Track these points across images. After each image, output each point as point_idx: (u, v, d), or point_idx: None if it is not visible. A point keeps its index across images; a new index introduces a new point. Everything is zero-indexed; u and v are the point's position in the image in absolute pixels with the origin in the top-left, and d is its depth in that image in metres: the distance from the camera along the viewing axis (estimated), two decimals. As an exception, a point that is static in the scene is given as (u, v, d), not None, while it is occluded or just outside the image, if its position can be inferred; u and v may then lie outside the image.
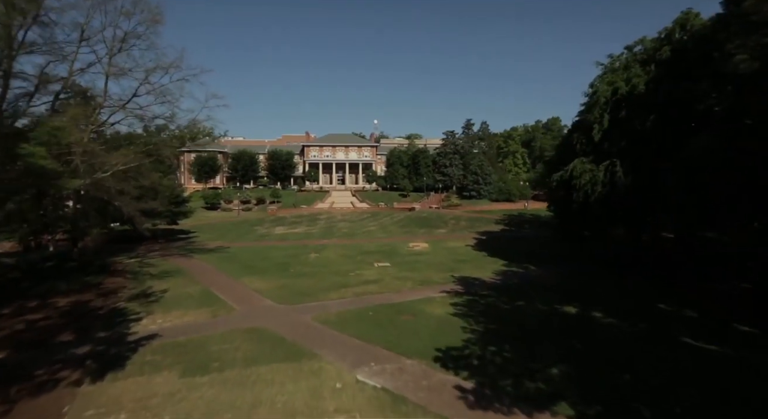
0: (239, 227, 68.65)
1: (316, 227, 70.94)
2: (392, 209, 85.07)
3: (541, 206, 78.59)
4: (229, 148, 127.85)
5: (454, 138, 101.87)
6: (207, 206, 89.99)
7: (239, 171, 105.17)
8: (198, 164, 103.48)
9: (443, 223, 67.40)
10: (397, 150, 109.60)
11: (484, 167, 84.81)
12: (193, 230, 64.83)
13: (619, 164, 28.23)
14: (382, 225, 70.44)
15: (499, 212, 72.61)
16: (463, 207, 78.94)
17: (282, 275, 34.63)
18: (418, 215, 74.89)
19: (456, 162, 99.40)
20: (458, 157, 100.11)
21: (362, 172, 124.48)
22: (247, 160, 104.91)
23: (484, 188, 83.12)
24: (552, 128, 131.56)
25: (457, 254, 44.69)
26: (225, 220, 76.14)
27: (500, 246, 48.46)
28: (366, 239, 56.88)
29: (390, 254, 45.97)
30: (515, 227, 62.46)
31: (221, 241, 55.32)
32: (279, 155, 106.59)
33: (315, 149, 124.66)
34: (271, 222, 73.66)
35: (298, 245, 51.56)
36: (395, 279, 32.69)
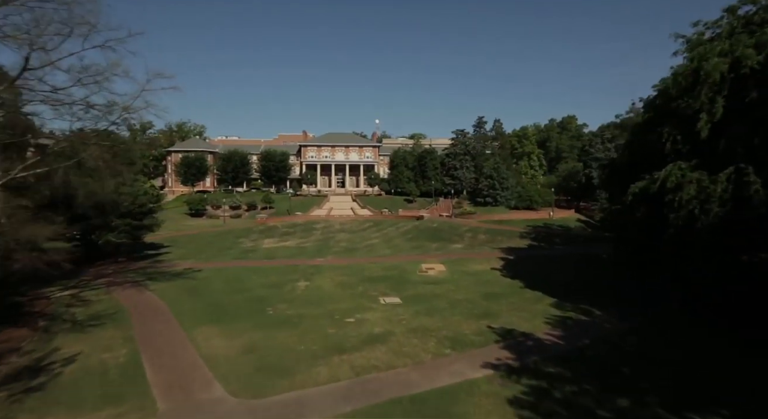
0: (222, 240, 58.88)
1: (310, 239, 61.19)
2: (397, 217, 75.34)
3: (566, 214, 68.80)
4: (221, 148, 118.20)
5: (464, 138, 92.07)
6: (191, 212, 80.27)
7: (229, 173, 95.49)
8: (184, 165, 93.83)
9: (458, 236, 57.59)
10: (402, 151, 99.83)
11: (501, 170, 75.20)
12: (167, 243, 55.08)
13: (753, 172, 18.51)
14: (387, 237, 60.65)
15: (520, 223, 62.89)
16: (478, 216, 69.24)
17: (255, 323, 24.90)
18: (428, 225, 65.15)
19: (467, 164, 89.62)
20: (469, 158, 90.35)
21: (363, 174, 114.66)
22: (237, 161, 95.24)
23: (501, 194, 73.48)
24: (568, 127, 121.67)
25: (486, 284, 34.89)
26: (208, 229, 66.41)
27: (537, 272, 38.64)
28: (368, 258, 47.13)
29: (399, 281, 36.24)
30: (544, 242, 52.66)
31: (194, 260, 45.58)
32: (273, 155, 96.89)
33: (313, 150, 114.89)
34: (259, 233, 63.89)
35: (286, 267, 41.80)
36: (411, 334, 22.95)
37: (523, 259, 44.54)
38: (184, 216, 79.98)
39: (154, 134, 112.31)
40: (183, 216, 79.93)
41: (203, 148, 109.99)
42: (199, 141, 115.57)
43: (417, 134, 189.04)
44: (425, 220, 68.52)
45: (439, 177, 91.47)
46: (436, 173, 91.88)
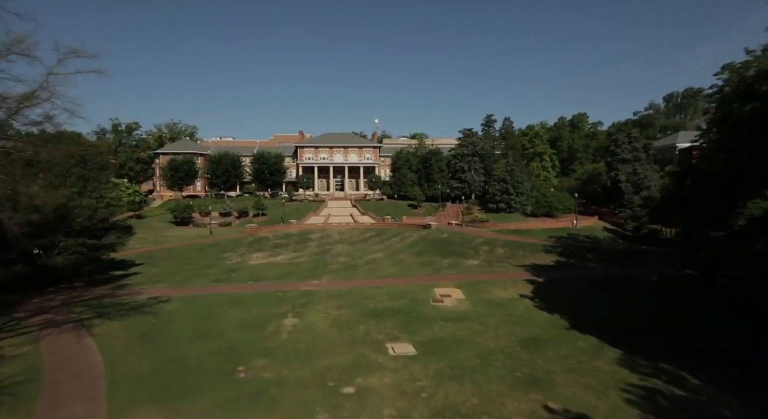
0: (205, 255, 51.56)
1: (305, 252, 53.98)
2: (401, 225, 68.08)
3: (589, 222, 61.51)
4: (213, 149, 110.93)
5: (472, 137, 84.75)
6: (176, 220, 72.94)
7: (219, 177, 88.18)
8: (171, 168, 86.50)
9: (472, 250, 50.30)
10: (405, 152, 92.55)
11: (515, 173, 67.90)
12: (140, 260, 47.80)
13: None
14: (391, 251, 53.40)
15: (541, 233, 55.58)
16: (492, 225, 61.92)
17: (216, 399, 17.74)
18: (436, 235, 57.87)
19: (476, 166, 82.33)
20: (478, 160, 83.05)
21: (363, 176, 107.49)
22: (228, 164, 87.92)
23: (516, 200, 66.16)
24: (579, 125, 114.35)
25: (520, 322, 27.73)
26: (192, 242, 59.06)
27: (578, 301, 31.47)
28: (371, 280, 39.89)
29: (409, 316, 29.12)
30: (574, 258, 45.35)
31: (166, 284, 38.35)
32: (266, 158, 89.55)
33: (310, 151, 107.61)
34: (248, 246, 56.59)
35: (273, 295, 34.58)
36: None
37: (556, 282, 37.24)
38: (168, 225, 72.68)
39: (140, 136, 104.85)
40: (167, 225, 72.64)
41: (192, 150, 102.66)
42: (189, 142, 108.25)
43: (419, 133, 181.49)
44: (433, 229, 61.25)
45: (445, 180, 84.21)
46: (442, 175, 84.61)
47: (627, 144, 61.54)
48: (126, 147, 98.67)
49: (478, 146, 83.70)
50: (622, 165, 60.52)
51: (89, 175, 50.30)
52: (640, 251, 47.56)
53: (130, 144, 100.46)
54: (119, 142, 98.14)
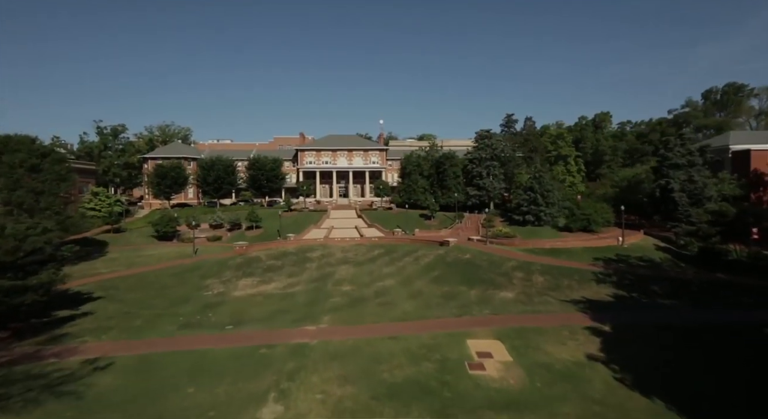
0: (180, 283, 42.69)
1: (302, 277, 45.13)
2: (414, 240, 58.95)
3: (635, 238, 51.94)
4: (207, 153, 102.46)
5: (490, 139, 75.48)
6: (157, 235, 64.14)
7: (211, 184, 79.39)
8: (157, 175, 77.84)
9: (504, 277, 40.99)
10: (415, 155, 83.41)
11: (544, 181, 58.53)
12: (99, 292, 38.91)
13: None
14: (405, 276, 44.34)
15: (582, 254, 46.11)
16: (521, 241, 52.53)
17: None
18: (457, 256, 48.68)
19: (495, 171, 73.10)
20: (497, 164, 73.81)
21: (369, 182, 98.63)
22: (221, 169, 79.07)
23: (546, 211, 56.81)
24: (602, 125, 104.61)
25: (610, 417, 18.54)
26: (170, 263, 50.25)
27: (685, 376, 22.28)
28: (383, 324, 30.93)
29: (442, 399, 20.37)
30: (637, 291, 35.82)
31: (117, 332, 29.56)
32: (262, 163, 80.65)
33: (311, 154, 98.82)
34: (235, 269, 47.69)
35: (254, 352, 25.74)
36: None
37: (628, 333, 27.87)
38: (149, 241, 63.95)
39: (127, 139, 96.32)
40: (148, 241, 63.90)
41: (184, 154, 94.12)
42: (181, 146, 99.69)
43: (426, 134, 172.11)
44: (452, 247, 52.09)
45: (461, 187, 75.03)
46: (457, 182, 75.44)
47: (679, 146, 51.95)
48: (112, 151, 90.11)
49: (497, 149, 74.44)
50: (674, 171, 50.99)
51: (43, 188, 41.77)
52: (717, 281, 37.97)
53: (116, 148, 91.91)
54: (104, 146, 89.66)
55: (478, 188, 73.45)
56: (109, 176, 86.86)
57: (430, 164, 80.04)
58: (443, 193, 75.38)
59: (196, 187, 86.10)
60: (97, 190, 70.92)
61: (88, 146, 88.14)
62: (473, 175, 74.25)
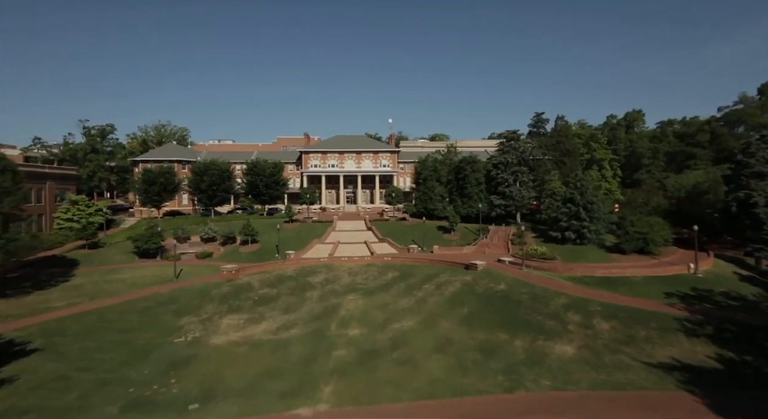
0: (148, 325, 34.08)
1: (300, 313, 36.48)
2: (433, 260, 49.84)
3: (705, 264, 42.05)
4: (204, 155, 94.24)
5: (517, 141, 65.96)
6: (138, 252, 55.68)
7: (204, 191, 70.88)
8: (145, 181, 69.54)
9: (555, 320, 31.71)
10: (431, 159, 74.18)
11: (587, 191, 48.93)
12: (41, 339, 30.46)
13: None
14: (428, 316, 35.34)
15: (648, 286, 36.27)
16: (566, 267, 42.76)
17: None
18: (489, 285, 39.54)
19: (524, 177, 63.63)
20: (526, 170, 64.33)
21: (380, 186, 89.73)
22: (215, 174, 70.49)
23: (591, 227, 47.29)
24: (635, 125, 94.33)
25: None
26: (143, 293, 41.71)
27: None
28: (402, 403, 21.98)
29: None
30: (752, 352, 25.73)
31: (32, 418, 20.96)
32: (261, 167, 71.96)
33: (316, 157, 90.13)
34: (220, 302, 39.03)
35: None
36: None
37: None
38: (129, 258, 55.63)
39: (115, 140, 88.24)
40: (128, 258, 55.60)
41: (177, 156, 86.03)
42: (176, 148, 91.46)
43: (439, 134, 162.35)
44: (480, 271, 42.98)
45: (483, 195, 65.69)
46: (479, 189, 66.07)
47: (764, 150, 41.90)
48: (99, 154, 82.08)
49: (526, 152, 64.91)
50: (756, 181, 41.13)
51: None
52: None
53: (105, 150, 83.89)
54: (91, 148, 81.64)
55: (503, 197, 64.05)
56: (95, 181, 78.79)
57: (449, 168, 70.77)
58: (464, 202, 66.09)
59: (189, 193, 77.76)
60: (76, 198, 62.77)
61: (73, 148, 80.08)
62: (498, 182, 64.85)
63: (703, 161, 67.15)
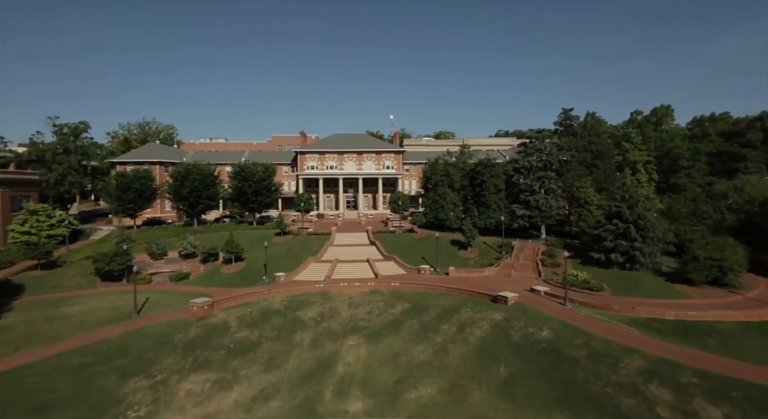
0: (76, 397, 25.18)
1: (284, 373, 27.85)
2: (451, 287, 40.92)
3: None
4: (191, 156, 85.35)
5: (542, 142, 56.82)
6: (99, 274, 46.74)
7: (185, 198, 61.86)
8: (118, 187, 60.56)
9: (635, 397, 22.84)
10: (442, 162, 65.09)
11: (637, 204, 39.77)
12: None
13: None
14: (453, 377, 26.59)
15: (748, 338, 27.21)
16: (618, 302, 34.31)
17: None
18: (527, 330, 30.74)
19: (551, 184, 54.57)
20: (553, 175, 55.24)
21: (383, 190, 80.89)
22: (197, 180, 61.43)
23: (645, 249, 38.20)
24: (663, 121, 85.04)
25: None
26: (86, 337, 32.91)
27: None
28: None
29: None
30: None
31: None
32: (249, 172, 62.80)
33: (313, 158, 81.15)
34: (183, 352, 30.20)
35: None
36: None
37: None
38: (90, 281, 46.79)
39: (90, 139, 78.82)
40: (89, 281, 46.77)
41: (160, 157, 77.02)
42: (158, 148, 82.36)
43: (444, 132, 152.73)
44: (512, 306, 34.21)
45: (504, 204, 56.74)
46: (498, 197, 57.07)
47: None
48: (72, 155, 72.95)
49: (552, 155, 55.75)
50: None
51: None
52: None
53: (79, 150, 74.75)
54: (62, 148, 72.51)
55: (527, 206, 55.08)
56: (65, 186, 69.76)
57: (462, 173, 61.72)
58: (480, 212, 57.11)
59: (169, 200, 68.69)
60: (35, 207, 53.90)
61: (42, 148, 70.93)
62: (520, 189, 55.84)
63: (755, 163, 58.10)
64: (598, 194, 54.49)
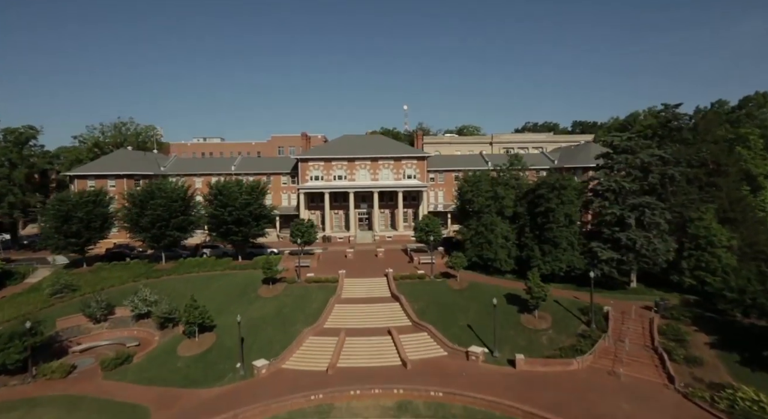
0: None
1: None
2: (529, 411, 24.28)
3: None
4: (170, 163, 69.88)
5: (634, 154, 39.02)
6: None
7: (145, 230, 45.97)
8: (57, 216, 44.88)
9: None
10: (486, 177, 47.44)
11: None
12: None
13: None
14: None
15: None
16: None
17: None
18: None
19: (656, 217, 36.97)
20: (658, 203, 37.61)
21: (404, 205, 64.40)
22: (160, 205, 45.34)
23: None
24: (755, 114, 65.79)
25: None
26: None
27: None
28: None
29: None
30: None
31: None
32: (229, 194, 46.19)
33: (317, 166, 64.79)
34: None
35: None
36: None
37: None
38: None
39: (37, 148, 63.10)
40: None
41: (127, 169, 61.36)
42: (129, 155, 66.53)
43: (468, 126, 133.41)
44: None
45: (579, 241, 39.59)
46: (571, 232, 39.77)
47: None
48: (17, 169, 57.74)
49: (657, 170, 38.09)
50: None
51: None
52: None
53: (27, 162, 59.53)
54: (6, 160, 57.32)
55: (614, 246, 37.79)
56: (4, 208, 54.66)
57: (515, 194, 44.48)
58: (544, 251, 40.00)
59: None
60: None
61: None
62: (605, 220, 38.48)
63: None
64: (721, 225, 36.91)
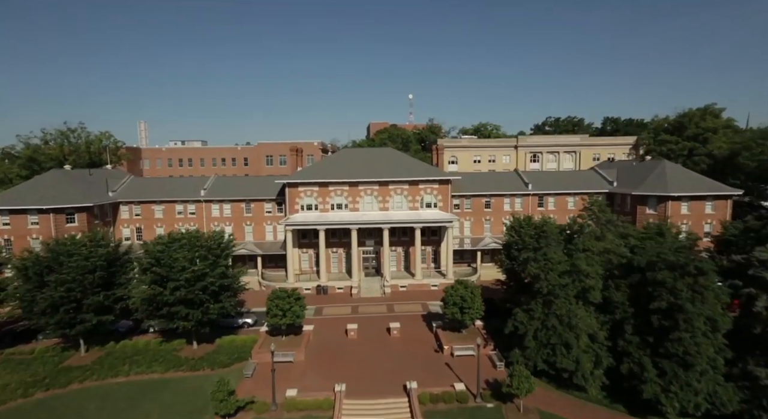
0: None
1: None
2: None
3: None
4: (125, 186, 53.71)
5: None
6: None
7: (46, 313, 29.96)
8: None
9: None
10: (552, 228, 30.79)
11: None
12: None
13: None
14: None
15: None
16: None
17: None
18: None
19: None
20: None
21: (421, 241, 48.43)
22: (73, 269, 29.35)
23: None
24: None
25: None
26: None
27: None
28: None
29: None
30: None
31: None
32: (172, 265, 29.99)
33: (310, 192, 48.80)
34: None
35: None
36: None
37: None
38: None
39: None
40: None
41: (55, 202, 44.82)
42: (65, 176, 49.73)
43: (485, 124, 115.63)
44: None
45: (723, 355, 23.71)
46: (714, 345, 23.78)
47: None
48: None
49: None
50: None
51: None
52: None
53: None
54: None
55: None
56: None
57: (604, 268, 28.40)
58: (664, 371, 24.15)
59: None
60: None
61: None
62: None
63: None
64: None
